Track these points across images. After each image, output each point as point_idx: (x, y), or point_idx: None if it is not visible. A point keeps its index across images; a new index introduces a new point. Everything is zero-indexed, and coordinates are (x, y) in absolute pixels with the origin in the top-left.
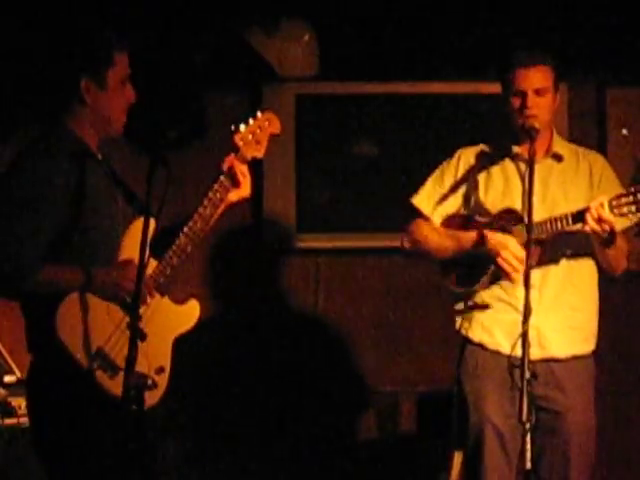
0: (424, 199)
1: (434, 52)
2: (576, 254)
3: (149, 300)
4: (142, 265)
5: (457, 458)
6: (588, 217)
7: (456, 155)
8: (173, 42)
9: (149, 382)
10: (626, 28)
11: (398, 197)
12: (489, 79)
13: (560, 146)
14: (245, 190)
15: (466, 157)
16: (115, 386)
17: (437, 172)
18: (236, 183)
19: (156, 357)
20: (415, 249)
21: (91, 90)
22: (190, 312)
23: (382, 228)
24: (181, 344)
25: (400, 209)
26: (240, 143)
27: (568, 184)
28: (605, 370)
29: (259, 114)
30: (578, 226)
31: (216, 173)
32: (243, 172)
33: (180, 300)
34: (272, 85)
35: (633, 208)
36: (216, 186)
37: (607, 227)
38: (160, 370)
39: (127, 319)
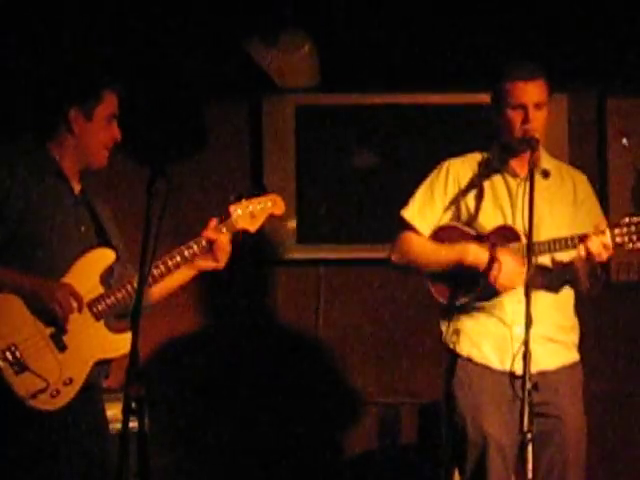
0: (414, 211)
1: (435, 63)
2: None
3: (74, 316)
4: (142, 282)
5: (457, 473)
6: (592, 240)
7: (444, 166)
8: (173, 53)
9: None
10: (626, 38)
11: (398, 208)
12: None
13: (546, 162)
14: (220, 263)
15: (454, 168)
16: (18, 383)
17: (426, 184)
18: (213, 252)
19: (69, 369)
20: (403, 263)
21: (79, 120)
22: (119, 343)
23: (382, 239)
24: (180, 355)
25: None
26: (233, 213)
27: (553, 201)
28: (606, 375)
29: (265, 195)
30: (573, 253)
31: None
32: (223, 246)
33: (117, 329)
34: (272, 96)
35: (635, 237)
36: (192, 242)
37: (605, 255)
38: (69, 381)
39: (52, 330)
